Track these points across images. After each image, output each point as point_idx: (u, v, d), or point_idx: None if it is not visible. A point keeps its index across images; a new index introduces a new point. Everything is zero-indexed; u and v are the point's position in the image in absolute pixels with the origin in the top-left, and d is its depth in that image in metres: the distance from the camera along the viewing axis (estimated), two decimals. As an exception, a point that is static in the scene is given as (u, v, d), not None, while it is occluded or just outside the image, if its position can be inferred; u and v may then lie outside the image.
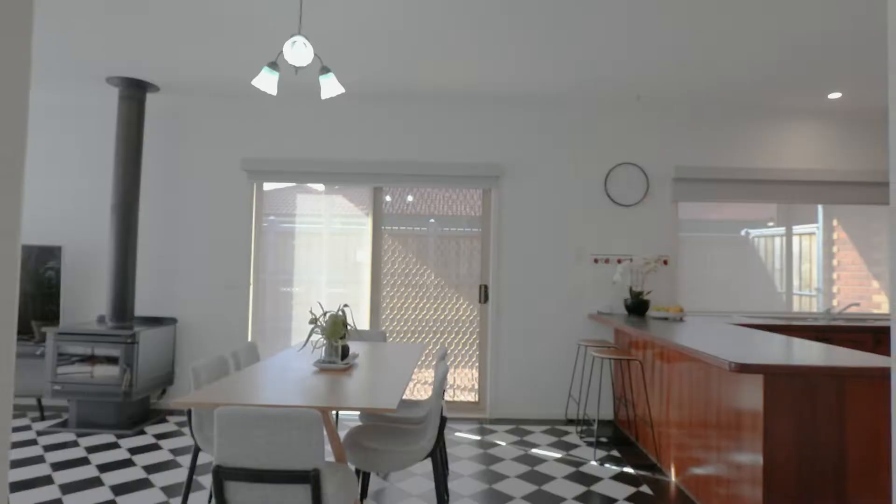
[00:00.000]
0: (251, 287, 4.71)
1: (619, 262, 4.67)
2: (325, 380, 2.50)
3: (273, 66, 2.51)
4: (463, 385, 4.71)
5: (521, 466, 3.48)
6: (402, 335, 4.72)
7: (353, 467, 3.10)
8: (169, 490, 3.02)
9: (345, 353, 2.90)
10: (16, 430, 4.01)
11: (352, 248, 4.76)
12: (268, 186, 4.78)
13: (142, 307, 4.72)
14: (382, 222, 4.75)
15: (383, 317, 4.73)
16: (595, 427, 4.06)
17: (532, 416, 4.57)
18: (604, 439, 4.05)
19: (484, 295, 4.71)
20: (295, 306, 4.78)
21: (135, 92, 4.31)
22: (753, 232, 4.81)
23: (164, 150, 4.77)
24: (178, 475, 3.24)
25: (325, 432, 2.95)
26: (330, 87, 2.58)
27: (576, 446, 3.88)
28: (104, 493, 2.96)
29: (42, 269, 4.45)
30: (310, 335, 2.77)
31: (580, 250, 4.66)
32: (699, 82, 4.06)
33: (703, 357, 2.54)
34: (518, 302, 4.63)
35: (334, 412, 3.34)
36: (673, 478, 3.30)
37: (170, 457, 3.54)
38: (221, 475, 1.76)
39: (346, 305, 2.87)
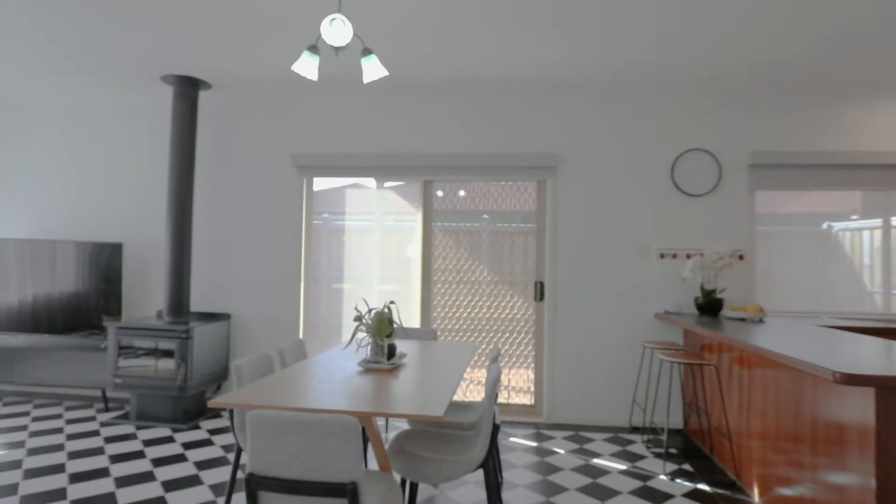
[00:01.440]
0: (302, 283, 4.67)
1: (688, 257, 4.29)
2: (370, 381, 2.35)
3: (313, 49, 2.38)
4: (517, 386, 4.47)
5: (582, 478, 3.21)
6: (453, 334, 4.55)
7: (398, 477, 2.95)
8: (217, 489, 2.98)
9: (391, 352, 2.75)
10: (81, 420, 4.14)
11: (402, 245, 4.63)
12: (318, 181, 4.72)
13: (197, 302, 4.78)
14: (433, 218, 4.59)
15: (434, 314, 4.57)
16: (665, 437, 3.71)
17: (593, 423, 4.28)
18: (673, 451, 3.71)
19: (539, 292, 4.45)
20: (345, 303, 4.70)
21: (188, 90, 4.35)
22: (836, 225, 4.29)
23: (216, 148, 4.81)
24: (227, 474, 3.21)
25: (363, 439, 2.81)
26: (372, 69, 2.43)
27: (642, 457, 3.57)
28: (155, 488, 2.96)
29: (107, 266, 4.58)
30: (354, 333, 2.64)
31: (644, 244, 4.31)
32: (776, 57, 3.62)
33: (797, 365, 2.20)
34: (576, 300, 4.35)
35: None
36: (756, 498, 2.94)
37: (221, 453, 3.52)
38: (254, 484, 1.63)
39: (391, 302, 2.71)
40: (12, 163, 5.17)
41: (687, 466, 3.42)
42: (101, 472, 3.16)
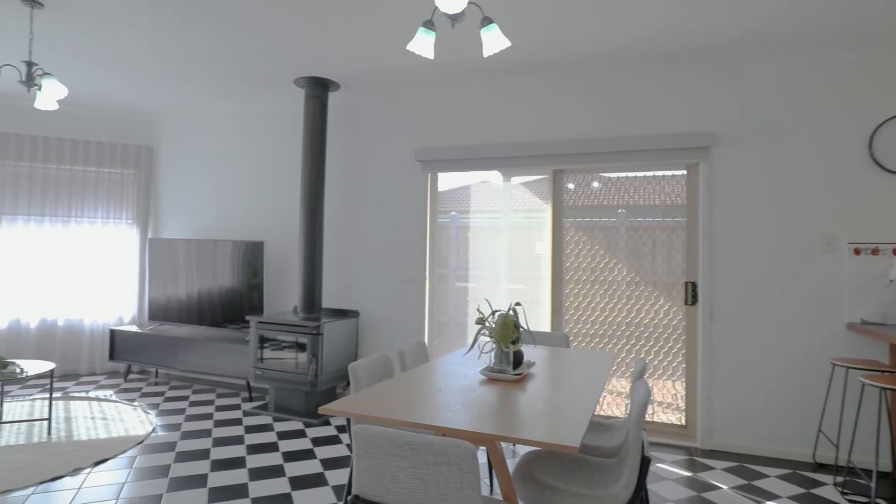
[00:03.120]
0: (427, 282, 4.55)
1: (895, 252, 3.38)
2: (493, 392, 2.07)
3: (428, 24, 2.16)
4: (664, 402, 3.90)
5: (753, 523, 2.62)
6: (587, 339, 4.10)
7: None
8: (339, 491, 2.92)
9: (517, 360, 2.44)
10: (229, 408, 4.43)
11: (531, 242, 4.29)
12: (444, 181, 4.57)
13: (329, 299, 4.90)
14: (564, 213, 4.18)
15: (566, 318, 4.16)
16: (873, 483, 2.93)
17: (763, 453, 3.56)
18: (881, 502, 2.91)
19: (691, 295, 3.83)
20: (471, 302, 4.49)
21: (319, 91, 4.44)
22: None
23: (344, 147, 4.89)
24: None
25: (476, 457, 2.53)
26: (493, 41, 2.14)
27: (834, 504, 2.84)
28: (282, 484, 2.98)
29: (251, 263, 4.88)
30: (476, 338, 2.37)
31: (830, 238, 3.49)
32: None
33: None
34: (739, 304, 3.66)
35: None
36: None
37: (346, 452, 3.50)
38: (358, 510, 1.43)
39: (517, 304, 2.40)
40: (176, 168, 5.77)
41: (903, 523, 2.64)
42: (239, 462, 3.28)
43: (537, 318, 4.24)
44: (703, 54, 3.72)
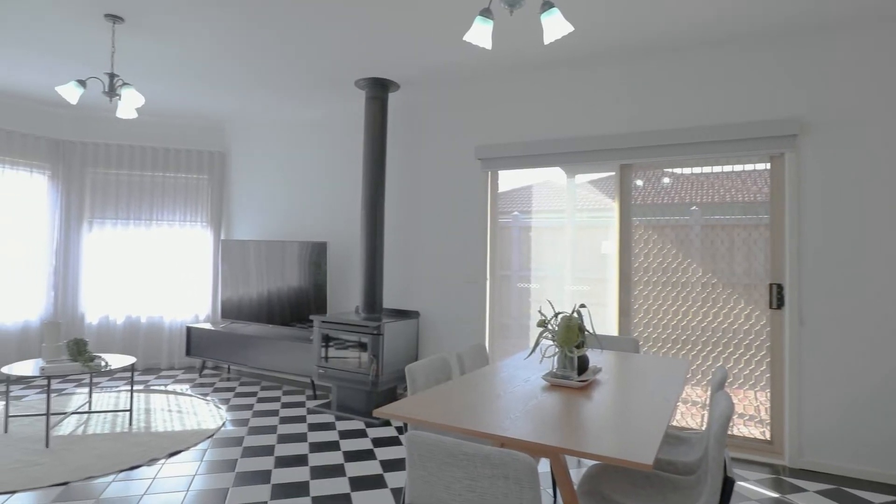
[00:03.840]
0: (487, 282, 4.45)
1: None
2: (556, 400, 1.95)
3: (486, 13, 2.07)
4: (745, 413, 3.59)
5: (854, 555, 2.33)
6: (659, 344, 3.86)
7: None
8: (398, 494, 2.88)
9: (582, 365, 2.30)
10: (294, 405, 4.53)
11: (597, 241, 4.09)
12: (506, 181, 4.46)
13: (390, 299, 4.91)
14: (632, 211, 3.96)
15: (635, 320, 3.93)
16: None
17: (864, 476, 3.19)
18: None
19: (777, 298, 3.50)
20: (533, 304, 4.34)
21: (379, 92, 4.46)
22: None
23: (404, 147, 4.88)
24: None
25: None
26: (555, 26, 2.02)
27: (954, 538, 2.48)
28: (342, 484, 2.98)
29: (315, 263, 4.98)
30: (538, 341, 2.26)
31: (946, 234, 3.07)
32: None
33: None
34: (831, 307, 3.30)
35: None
36: None
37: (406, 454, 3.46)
38: (412, 521, 1.37)
39: (582, 306, 2.26)
40: (246, 172, 6.00)
41: None
42: (301, 460, 3.32)
43: (603, 321, 4.03)
44: (788, 33, 3.40)
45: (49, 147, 5.58)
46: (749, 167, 3.63)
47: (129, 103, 3.52)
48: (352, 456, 3.41)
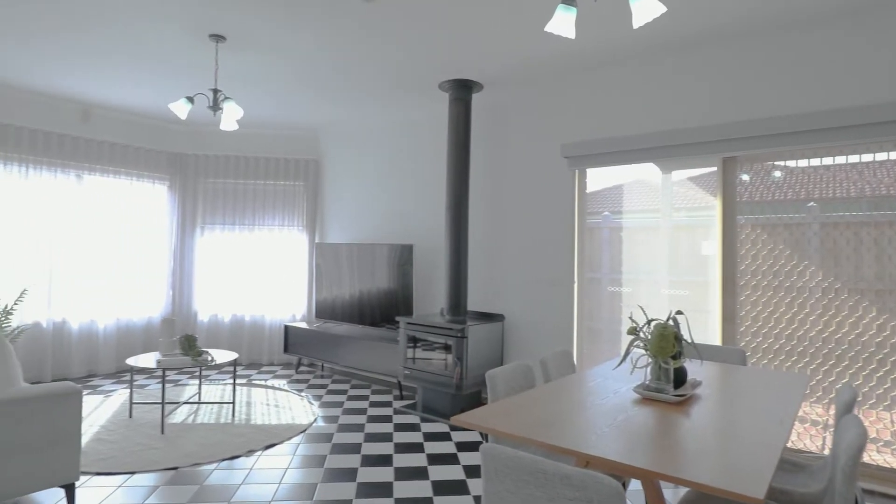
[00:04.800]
0: (575, 285, 4.27)
1: None
2: (649, 415, 1.79)
3: (569, 1, 1.96)
4: (879, 438, 3.13)
5: None
6: (770, 356, 3.48)
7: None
8: (480, 501, 2.82)
9: (679, 378, 2.11)
10: (381, 405, 4.63)
11: (696, 242, 3.78)
12: (595, 180, 4.26)
13: (475, 302, 4.87)
14: (737, 209, 3.61)
15: (741, 329, 3.58)
16: None
17: None
18: None
19: (919, 306, 3.02)
20: (624, 308, 4.10)
21: (463, 93, 4.44)
22: None
23: (488, 149, 4.82)
24: (493, 485, 3.03)
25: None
26: (644, 8, 1.87)
27: None
28: (425, 487, 2.97)
29: (401, 265, 5.07)
30: (628, 350, 2.10)
31: None
32: None
33: None
34: None
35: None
36: None
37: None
38: (487, 539, 1.30)
39: (679, 312, 2.07)
40: (338, 178, 6.25)
41: None
42: (387, 460, 3.37)
43: (704, 329, 3.71)
44: (934, 0, 2.92)
45: (168, 160, 6.16)
46: (881, 156, 3.17)
47: (231, 116, 3.77)
48: (435, 459, 3.40)
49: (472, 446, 3.65)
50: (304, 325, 5.91)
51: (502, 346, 4.59)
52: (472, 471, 3.22)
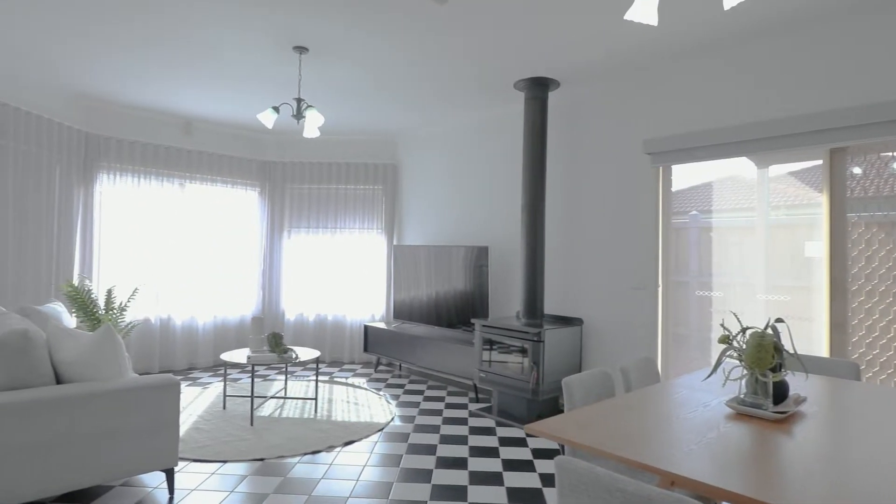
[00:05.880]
0: (659, 289, 4.04)
1: None
2: (744, 433, 1.64)
3: (653, -13, 1.84)
4: None
5: None
6: (889, 371, 3.09)
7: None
8: (558, 512, 2.72)
9: (780, 392, 1.91)
10: (456, 406, 4.63)
11: (798, 243, 3.45)
12: (681, 178, 4.01)
13: (552, 305, 4.75)
14: (848, 206, 3.25)
15: (854, 339, 3.21)
16: None
17: None
18: None
19: None
20: (715, 314, 3.82)
21: (539, 92, 4.35)
22: None
23: (564, 147, 4.68)
24: (571, 496, 2.92)
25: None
26: (740, -11, 1.71)
27: None
28: (500, 494, 2.92)
29: (477, 267, 5.05)
30: (719, 360, 1.94)
31: None
32: None
33: None
34: None
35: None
36: None
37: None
38: (562, 557, 1.23)
39: (778, 320, 1.89)
40: (414, 181, 6.35)
41: None
42: (461, 463, 3.35)
43: (808, 339, 3.37)
44: None
45: (258, 167, 6.56)
46: None
47: (313, 123, 3.94)
48: (511, 465, 3.34)
49: (549, 453, 3.55)
50: (382, 325, 6.05)
51: (580, 352, 4.44)
52: (549, 479, 3.13)
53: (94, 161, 5.35)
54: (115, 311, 4.75)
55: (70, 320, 4.12)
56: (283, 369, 5.93)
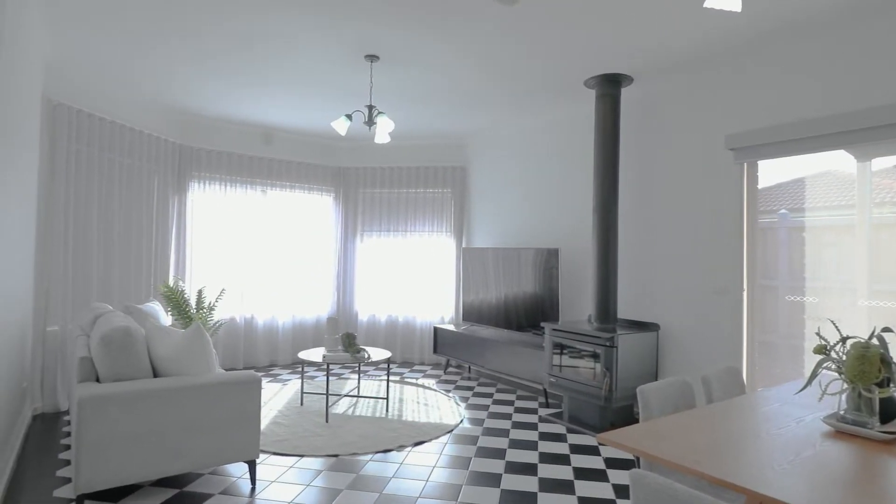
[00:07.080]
0: (744, 293, 3.79)
1: None
2: (845, 453, 1.50)
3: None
4: None
5: None
6: None
7: None
8: (633, 525, 2.61)
9: (888, 410, 1.73)
10: (526, 411, 4.57)
11: (907, 241, 3.11)
12: (768, 174, 3.74)
13: (626, 310, 4.57)
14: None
15: (979, 352, 2.85)
16: None
17: None
18: None
19: None
20: (808, 321, 3.53)
21: (610, 89, 4.22)
22: None
23: (638, 146, 4.50)
24: (648, 509, 2.79)
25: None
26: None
27: None
28: (571, 503, 2.84)
29: (547, 270, 4.97)
30: (815, 372, 1.78)
31: None
32: None
33: None
34: None
35: None
36: None
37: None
38: (637, 575, 1.18)
39: (885, 329, 1.71)
40: (483, 183, 6.34)
41: None
42: (531, 469, 3.30)
43: (923, 350, 3.02)
44: None
45: (333, 174, 6.82)
46: None
47: (384, 129, 4.03)
48: (582, 474, 3.25)
49: (623, 464, 3.42)
50: (451, 327, 6.09)
51: (657, 359, 4.25)
52: (623, 491, 3.01)
53: (187, 171, 5.78)
54: (204, 311, 5.10)
55: (166, 318, 4.47)
56: (357, 368, 6.12)
